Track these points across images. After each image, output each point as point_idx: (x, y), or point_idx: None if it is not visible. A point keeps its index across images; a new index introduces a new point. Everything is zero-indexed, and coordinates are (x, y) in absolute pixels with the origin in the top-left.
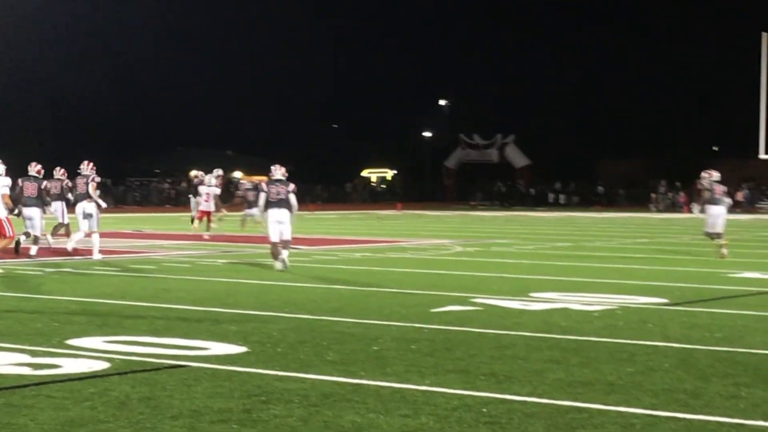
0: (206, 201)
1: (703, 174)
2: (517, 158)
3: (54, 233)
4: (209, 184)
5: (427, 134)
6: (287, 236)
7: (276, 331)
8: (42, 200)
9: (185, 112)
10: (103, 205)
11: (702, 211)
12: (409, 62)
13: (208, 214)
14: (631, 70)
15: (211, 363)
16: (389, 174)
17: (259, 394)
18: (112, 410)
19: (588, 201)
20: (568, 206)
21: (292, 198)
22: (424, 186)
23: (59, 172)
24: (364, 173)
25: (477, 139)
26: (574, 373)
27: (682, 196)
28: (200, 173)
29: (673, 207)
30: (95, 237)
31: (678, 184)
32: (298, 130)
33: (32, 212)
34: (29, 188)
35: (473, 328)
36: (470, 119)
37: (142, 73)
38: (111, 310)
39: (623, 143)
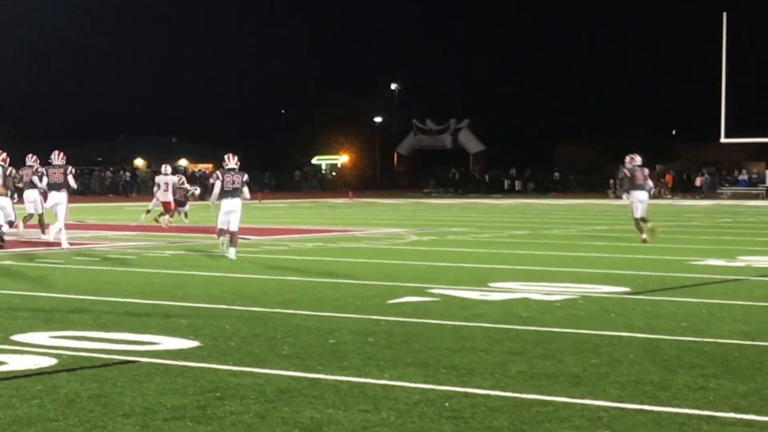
0: (165, 191)
1: (626, 158)
2: (472, 144)
3: (25, 223)
4: (166, 173)
5: (378, 119)
6: (234, 227)
7: (228, 325)
8: (9, 188)
9: (128, 99)
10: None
11: (620, 197)
12: (359, 45)
13: (167, 204)
14: (587, 53)
15: (162, 358)
16: (340, 161)
17: (213, 389)
18: (62, 408)
19: (544, 187)
20: (523, 193)
21: (246, 189)
22: (376, 173)
23: (31, 159)
24: (314, 161)
25: (430, 125)
26: (538, 365)
27: None
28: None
29: None
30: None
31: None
32: (245, 116)
33: (3, 201)
34: None
35: (431, 319)
36: (423, 104)
37: (83, 59)
38: (56, 304)
39: (580, 128)
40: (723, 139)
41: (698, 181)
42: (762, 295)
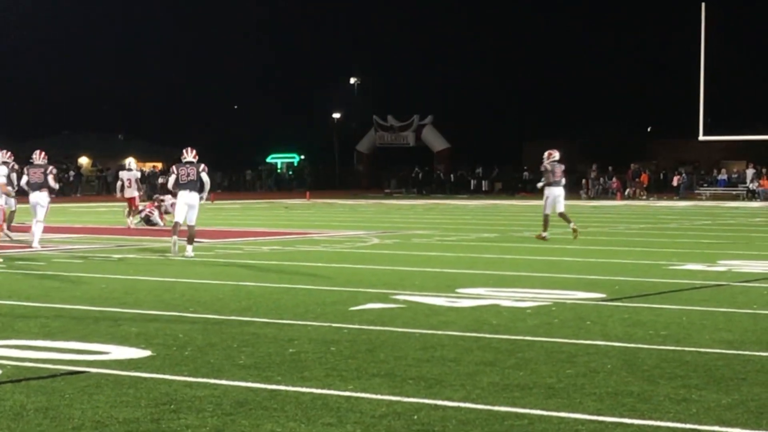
0: (128, 187)
1: (545, 154)
2: (436, 141)
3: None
4: (130, 168)
5: (337, 115)
6: (192, 221)
7: (182, 333)
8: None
9: (72, 93)
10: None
11: (538, 189)
12: (316, 36)
13: (131, 200)
14: (557, 44)
15: (112, 368)
16: (296, 160)
17: (167, 402)
18: (7, 422)
19: (512, 187)
20: (491, 193)
21: (204, 176)
22: (335, 173)
23: (6, 155)
24: (269, 159)
25: (391, 121)
26: (510, 375)
27: (614, 182)
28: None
29: (605, 193)
30: (40, 227)
31: (610, 168)
32: (195, 112)
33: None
34: None
35: (397, 327)
36: (384, 98)
37: (24, 51)
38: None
39: (549, 124)
40: (701, 137)
41: (675, 181)
42: (745, 301)
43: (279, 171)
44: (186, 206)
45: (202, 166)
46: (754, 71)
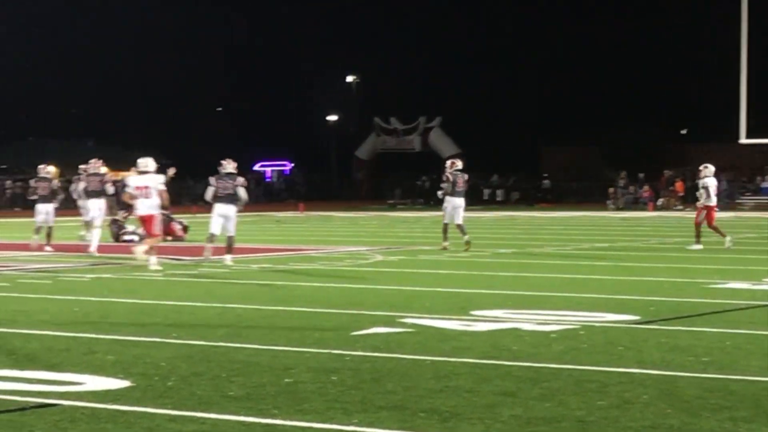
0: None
1: (448, 163)
2: (445, 146)
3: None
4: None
5: (333, 118)
6: (232, 231)
7: (164, 361)
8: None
9: (37, 98)
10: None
11: (441, 198)
12: (310, 29)
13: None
14: (579, 38)
15: (87, 401)
16: (287, 168)
17: None
18: None
19: (530, 197)
20: (507, 204)
21: (241, 191)
22: (331, 182)
23: (44, 170)
24: (257, 167)
25: (395, 124)
26: (534, 407)
27: (646, 191)
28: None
29: (636, 203)
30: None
31: (641, 175)
32: (173, 115)
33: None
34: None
35: (405, 354)
36: (385, 99)
37: None
38: None
39: (571, 127)
40: (743, 140)
41: (679, 187)
42: None
43: (269, 180)
44: (222, 218)
45: (241, 180)
46: None
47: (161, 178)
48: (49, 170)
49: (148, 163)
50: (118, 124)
